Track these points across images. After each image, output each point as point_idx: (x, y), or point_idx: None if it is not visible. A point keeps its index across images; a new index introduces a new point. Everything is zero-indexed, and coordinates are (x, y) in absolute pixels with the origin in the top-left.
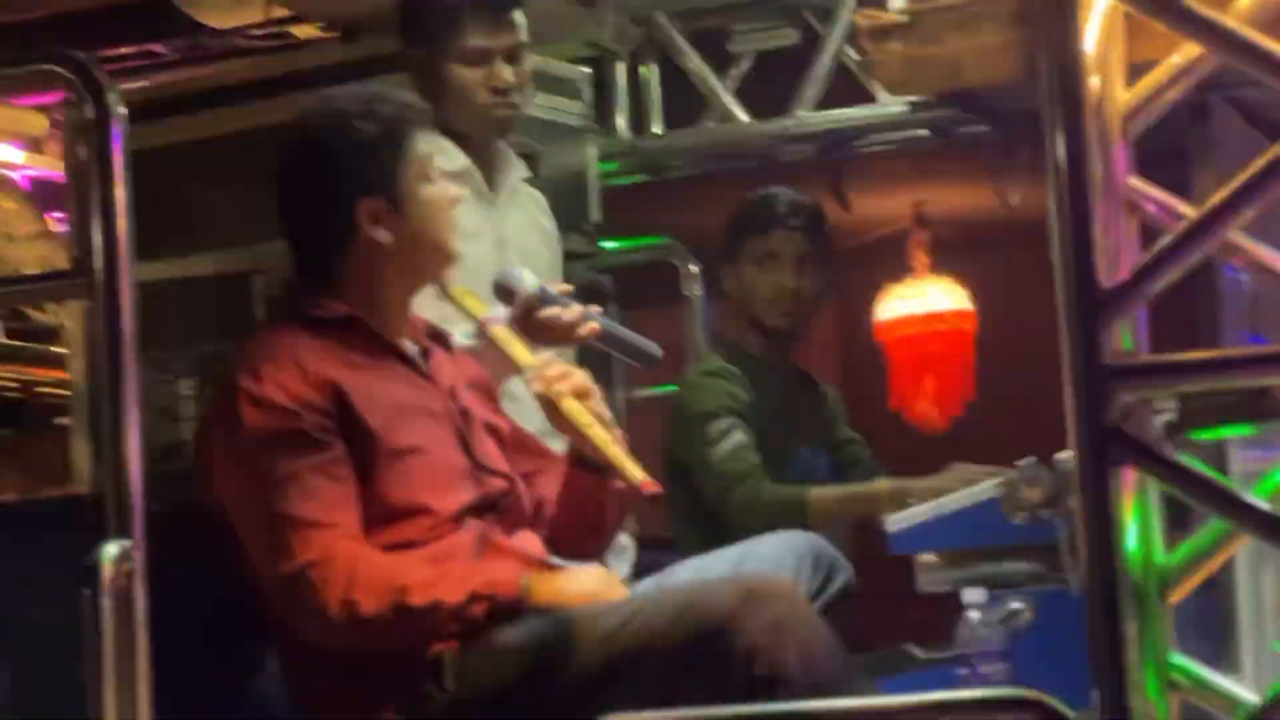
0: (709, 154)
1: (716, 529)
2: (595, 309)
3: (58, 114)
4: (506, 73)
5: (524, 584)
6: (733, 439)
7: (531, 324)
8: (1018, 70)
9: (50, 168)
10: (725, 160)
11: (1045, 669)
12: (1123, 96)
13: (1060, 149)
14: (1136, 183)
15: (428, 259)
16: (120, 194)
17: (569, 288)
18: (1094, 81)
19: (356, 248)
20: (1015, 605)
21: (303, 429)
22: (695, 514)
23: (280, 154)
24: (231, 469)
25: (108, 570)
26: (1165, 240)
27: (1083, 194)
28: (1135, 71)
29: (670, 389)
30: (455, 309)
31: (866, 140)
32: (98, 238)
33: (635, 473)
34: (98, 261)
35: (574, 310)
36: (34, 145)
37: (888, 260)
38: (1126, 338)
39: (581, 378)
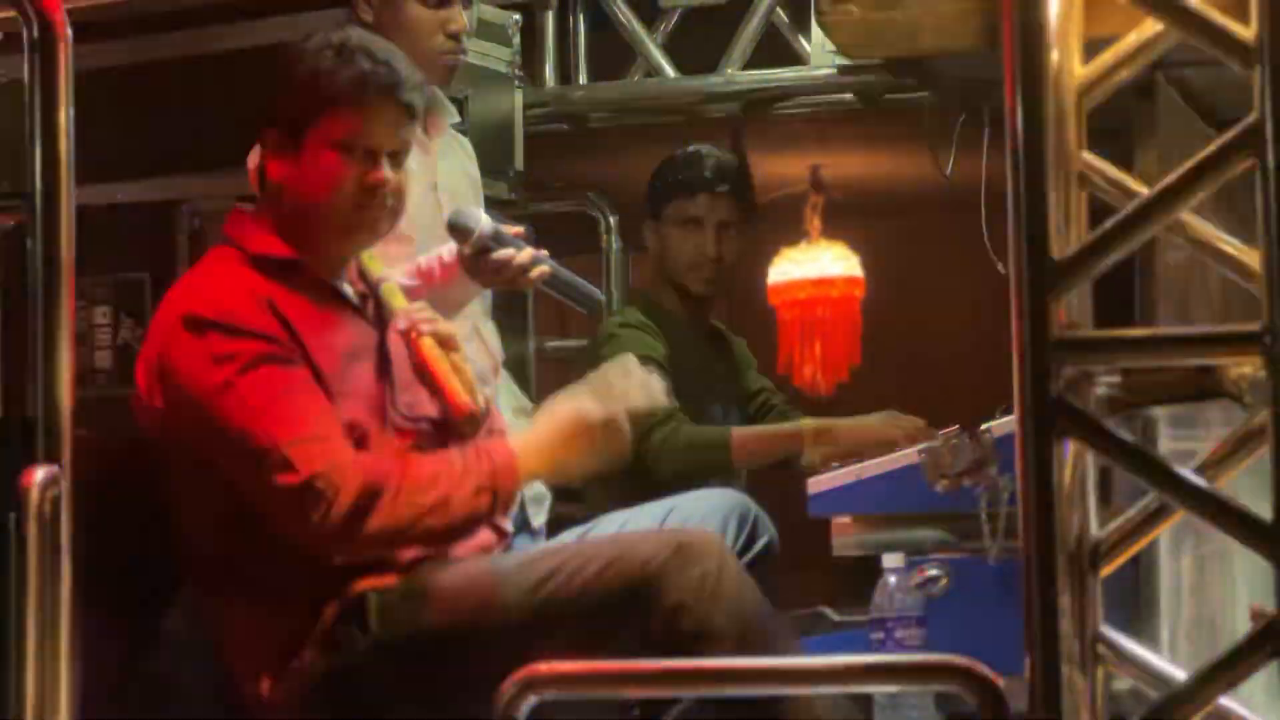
0: (632, 107)
1: (627, 482)
2: (544, 253)
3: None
4: (462, 18)
5: (519, 466)
6: None
7: (484, 264)
8: (975, 38)
9: None
10: (649, 115)
11: (960, 636)
12: (1079, 71)
13: (1019, 119)
14: (1088, 157)
15: (326, 219)
16: (63, 117)
17: (521, 230)
18: (1053, 55)
19: (276, 179)
20: (932, 572)
21: (274, 352)
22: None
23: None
24: (203, 397)
25: (34, 495)
26: (1118, 216)
27: (1039, 165)
28: (1089, 48)
29: (579, 341)
30: None
31: (792, 102)
32: (38, 159)
33: (460, 396)
34: (37, 183)
35: (526, 253)
36: None
37: (783, 223)
38: (1074, 309)
39: (448, 327)
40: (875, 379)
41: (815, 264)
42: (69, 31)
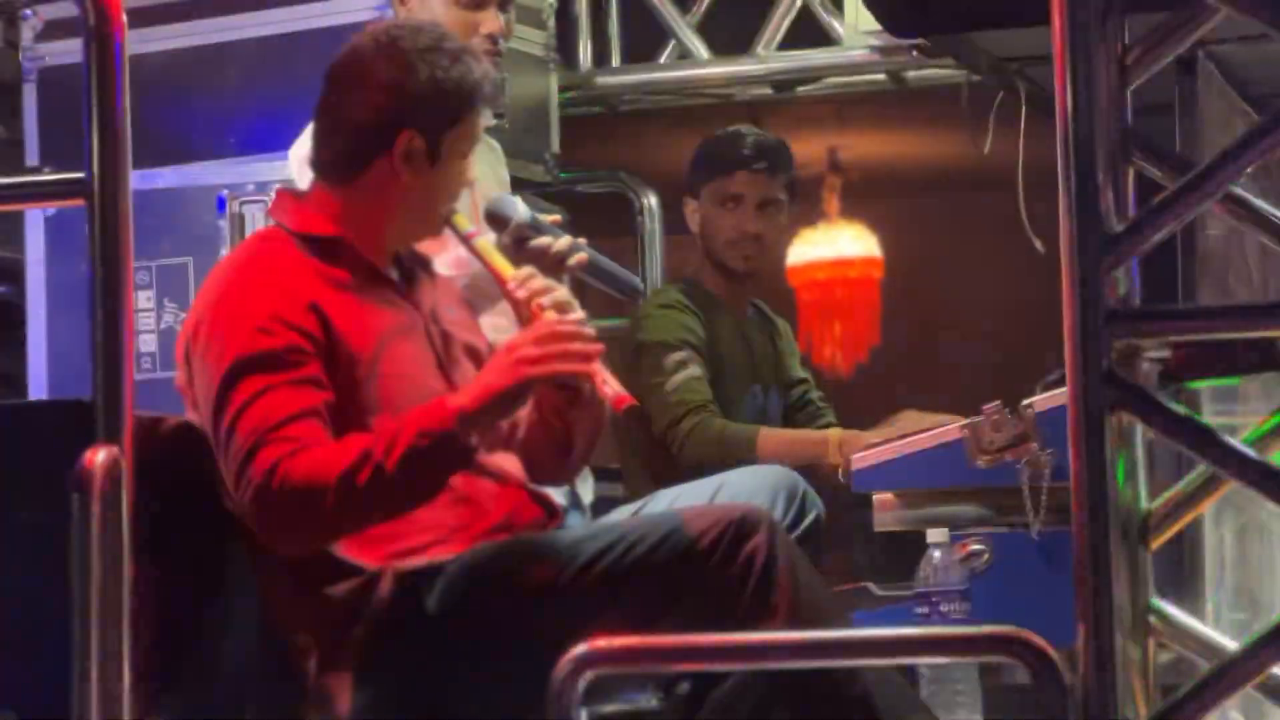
0: (665, 89)
1: (663, 462)
2: (582, 240)
3: None
4: (498, 20)
5: (446, 402)
6: (687, 370)
7: (521, 253)
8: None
9: None
10: (682, 97)
11: (1003, 610)
12: (1126, 46)
13: (1069, 94)
14: (1134, 132)
15: (423, 220)
16: (120, 103)
17: (559, 218)
18: (1101, 30)
19: (375, 172)
20: (976, 546)
21: (274, 349)
22: (643, 446)
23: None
24: (204, 383)
25: (97, 475)
26: (1171, 189)
27: (1090, 140)
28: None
29: (619, 321)
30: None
31: (825, 83)
32: (95, 145)
33: (612, 386)
34: (95, 168)
35: (564, 241)
36: None
37: (801, 204)
38: (1122, 284)
39: (564, 293)
40: (896, 358)
41: (833, 245)
42: (124, 19)
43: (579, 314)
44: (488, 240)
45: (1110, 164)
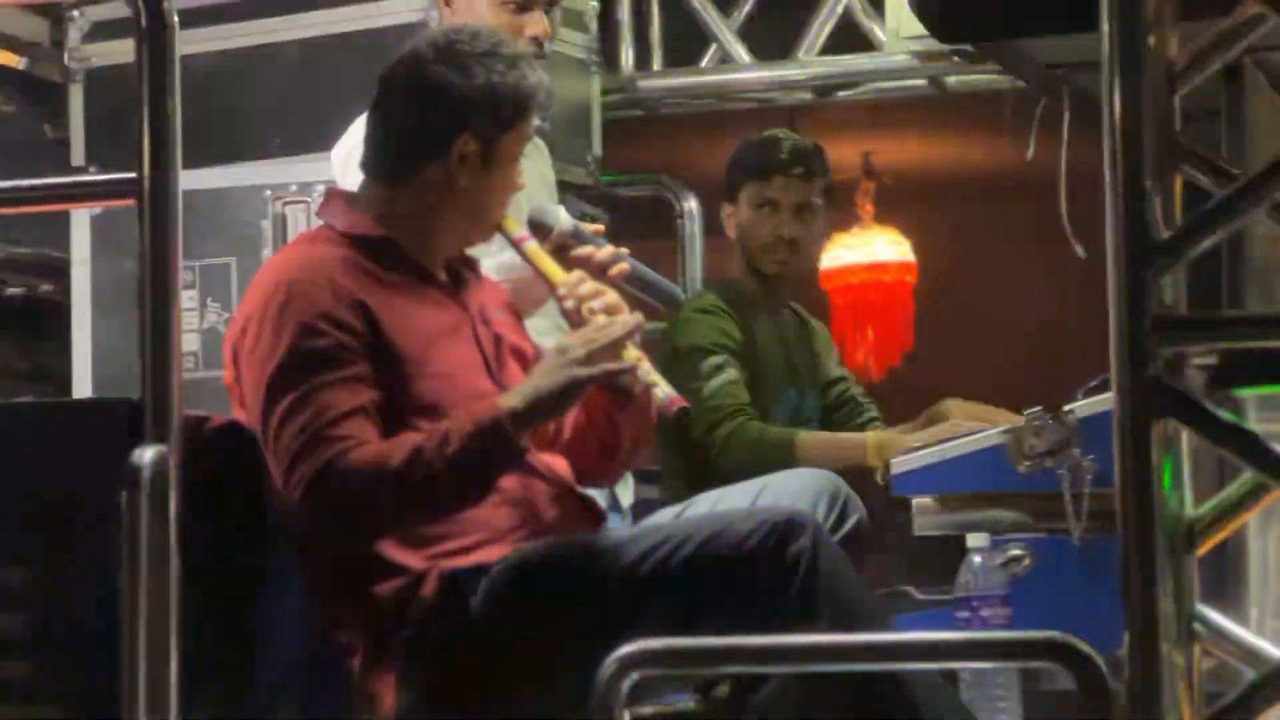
0: (707, 93)
1: (702, 465)
2: (624, 250)
3: None
4: (543, 23)
5: (499, 402)
6: (724, 375)
7: (564, 261)
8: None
9: None
10: (723, 101)
11: (1042, 615)
12: (1175, 54)
13: (1118, 100)
14: (1181, 139)
15: (476, 222)
16: (171, 103)
17: (601, 227)
18: (1150, 38)
19: (428, 175)
20: (1016, 551)
21: (323, 348)
22: (681, 449)
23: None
24: (252, 382)
25: (145, 474)
26: (1219, 196)
27: (1138, 146)
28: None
29: (657, 325)
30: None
31: (865, 88)
32: (146, 144)
33: (664, 389)
34: (146, 168)
35: (606, 250)
36: None
37: (835, 208)
38: (1169, 292)
39: (614, 297)
40: (931, 364)
41: (868, 249)
42: (176, 20)
43: (630, 318)
44: (536, 246)
45: (1158, 171)
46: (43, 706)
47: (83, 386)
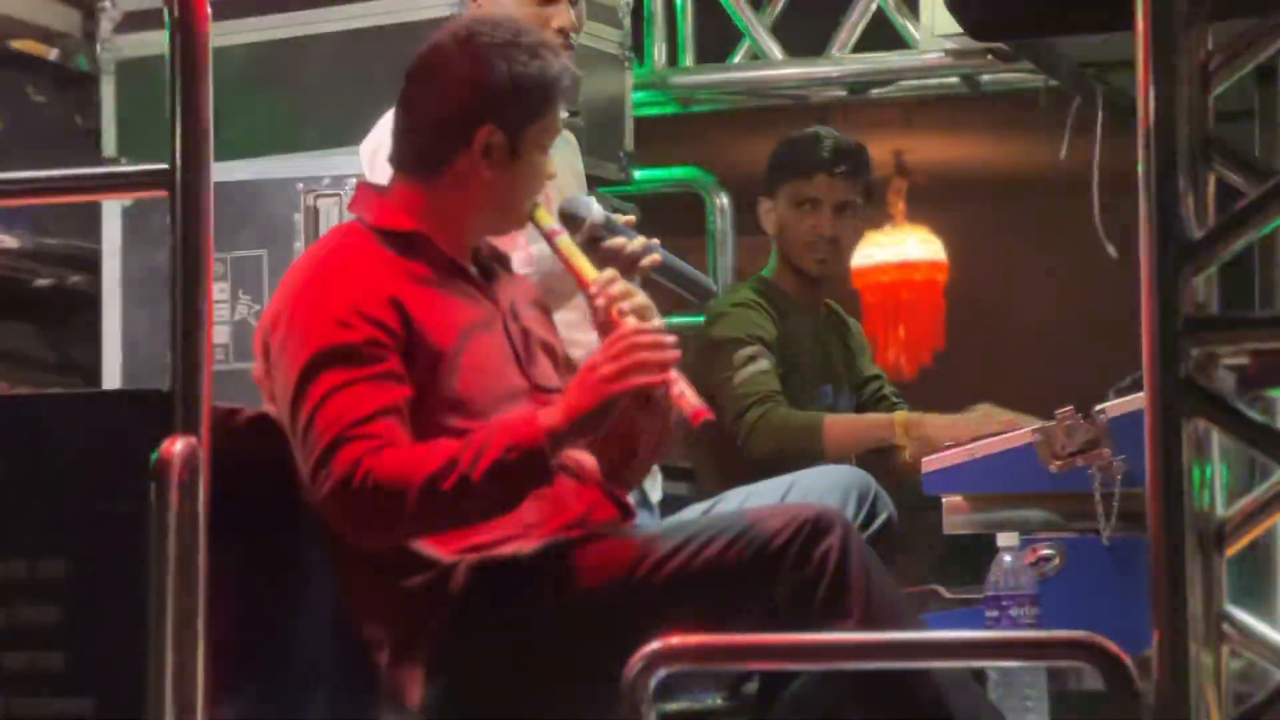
0: (739, 89)
1: (733, 461)
2: (656, 241)
3: None
4: (569, 14)
5: (539, 418)
6: (756, 364)
7: (595, 253)
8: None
9: None
10: (755, 97)
11: (1071, 615)
12: (1208, 53)
13: (1151, 100)
14: (1215, 138)
15: (505, 214)
16: (203, 94)
17: (633, 219)
18: (1183, 37)
19: (456, 167)
20: (1046, 551)
21: (354, 342)
22: (715, 444)
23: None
24: (283, 375)
25: (174, 466)
26: (1252, 197)
27: (1171, 146)
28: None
29: (689, 319)
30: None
31: (897, 86)
32: (178, 136)
33: (689, 398)
34: (178, 159)
35: (638, 241)
36: None
37: (866, 206)
38: (1201, 291)
39: (645, 299)
40: (962, 362)
41: (899, 248)
42: (209, 12)
43: (658, 321)
44: (568, 239)
45: (1191, 170)
46: (75, 699)
47: (112, 378)
